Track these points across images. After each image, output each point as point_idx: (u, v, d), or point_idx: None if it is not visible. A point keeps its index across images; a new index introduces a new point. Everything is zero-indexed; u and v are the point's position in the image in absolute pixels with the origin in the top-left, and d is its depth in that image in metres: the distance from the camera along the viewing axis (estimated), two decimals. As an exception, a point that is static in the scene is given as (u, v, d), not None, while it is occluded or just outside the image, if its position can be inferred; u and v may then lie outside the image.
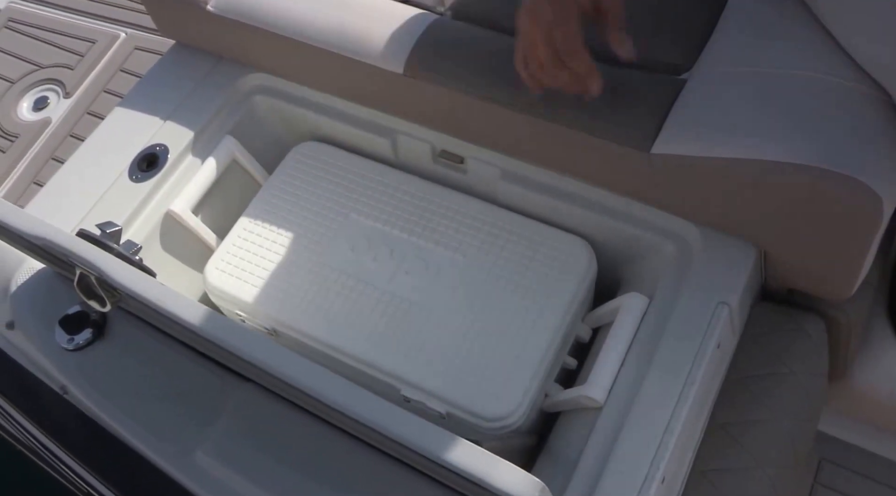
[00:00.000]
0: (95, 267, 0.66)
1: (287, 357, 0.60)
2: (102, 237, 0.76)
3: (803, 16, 0.81)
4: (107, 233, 0.77)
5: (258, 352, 0.60)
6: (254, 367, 0.61)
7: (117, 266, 0.66)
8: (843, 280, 0.82)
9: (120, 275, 0.65)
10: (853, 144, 0.73)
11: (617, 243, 0.92)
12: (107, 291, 0.68)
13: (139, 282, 0.64)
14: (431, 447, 0.56)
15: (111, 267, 0.65)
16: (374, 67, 0.91)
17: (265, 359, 0.60)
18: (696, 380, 0.77)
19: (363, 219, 0.96)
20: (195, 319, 0.62)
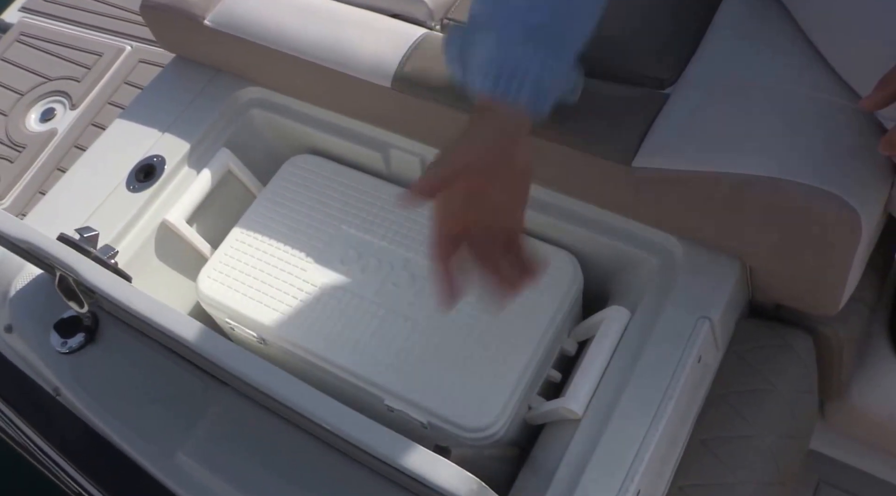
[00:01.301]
0: (72, 269, 0.71)
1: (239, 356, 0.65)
2: (80, 241, 0.82)
3: (790, 30, 0.85)
4: (84, 237, 0.83)
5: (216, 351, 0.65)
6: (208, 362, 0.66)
7: (92, 269, 0.71)
8: (827, 295, 0.85)
9: (93, 278, 0.70)
10: (831, 159, 0.77)
11: (603, 257, 0.96)
12: (84, 293, 0.73)
13: (110, 284, 0.70)
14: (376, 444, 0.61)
15: (86, 269, 0.71)
16: (364, 81, 0.96)
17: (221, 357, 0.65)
18: (675, 395, 0.80)
19: (354, 230, 1.01)
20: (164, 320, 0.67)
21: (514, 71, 0.72)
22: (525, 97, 0.72)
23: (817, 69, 0.82)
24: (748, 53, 0.86)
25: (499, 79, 0.72)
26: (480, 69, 0.73)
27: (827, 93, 0.80)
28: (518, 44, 0.72)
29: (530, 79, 0.72)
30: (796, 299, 0.89)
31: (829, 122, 0.79)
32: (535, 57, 0.72)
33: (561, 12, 0.73)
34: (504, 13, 0.72)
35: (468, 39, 0.75)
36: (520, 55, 0.72)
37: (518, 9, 0.72)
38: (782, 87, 0.82)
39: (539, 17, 0.72)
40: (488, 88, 0.72)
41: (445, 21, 1.02)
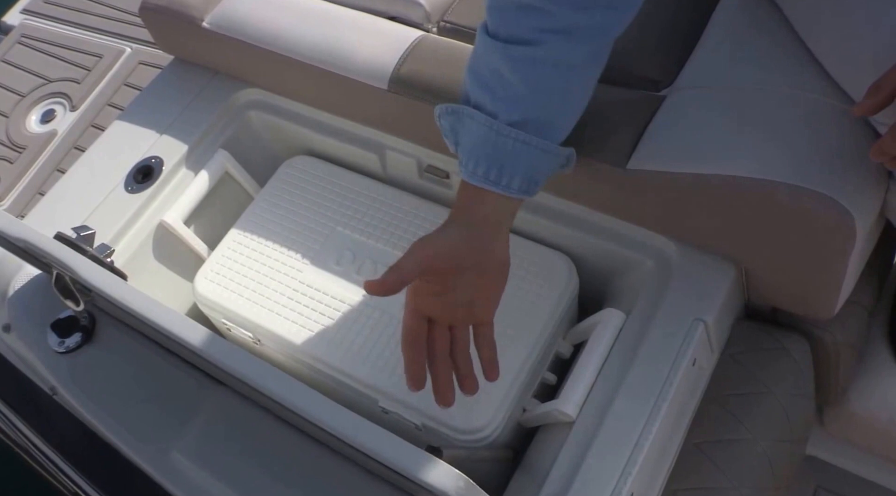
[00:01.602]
0: (68, 267, 0.72)
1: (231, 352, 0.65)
2: (77, 240, 0.83)
3: (785, 33, 0.86)
4: (81, 236, 0.84)
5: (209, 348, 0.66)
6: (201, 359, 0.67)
7: (88, 267, 0.72)
8: (823, 299, 0.86)
9: (89, 276, 0.71)
10: (825, 160, 0.77)
11: (599, 259, 0.97)
12: (80, 291, 0.74)
13: (107, 283, 0.71)
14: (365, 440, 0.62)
15: (82, 267, 0.72)
16: (360, 83, 0.97)
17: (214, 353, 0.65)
18: (668, 397, 0.81)
19: (349, 232, 1.02)
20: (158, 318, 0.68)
21: (505, 163, 0.73)
22: (515, 187, 0.74)
23: (812, 72, 0.82)
24: (744, 56, 0.87)
25: (489, 170, 0.73)
26: (471, 156, 0.74)
27: (822, 96, 0.81)
28: (506, 136, 0.73)
29: (521, 170, 0.74)
30: (791, 303, 0.90)
31: (824, 126, 0.79)
32: (527, 148, 0.73)
33: (551, 103, 0.75)
34: (492, 105, 0.73)
35: (458, 120, 0.76)
36: (509, 147, 0.73)
37: (506, 101, 0.73)
38: (777, 90, 0.82)
39: (528, 110, 0.73)
40: (479, 179, 0.73)
41: (442, 23, 1.02)
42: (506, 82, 0.73)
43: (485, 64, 0.74)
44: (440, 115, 0.79)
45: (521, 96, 0.73)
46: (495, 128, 0.73)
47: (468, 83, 0.76)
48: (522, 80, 0.72)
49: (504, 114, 0.73)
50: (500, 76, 0.73)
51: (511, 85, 0.73)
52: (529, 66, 0.72)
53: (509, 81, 0.72)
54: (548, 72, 0.72)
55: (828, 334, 0.93)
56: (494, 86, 0.73)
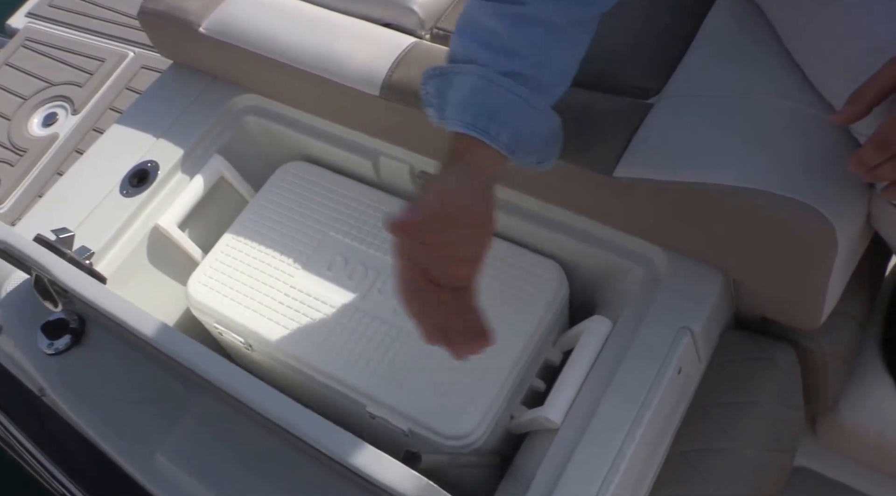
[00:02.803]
0: (45, 269, 0.74)
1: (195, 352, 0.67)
2: (56, 242, 0.85)
3: (773, 44, 0.87)
4: (60, 238, 0.86)
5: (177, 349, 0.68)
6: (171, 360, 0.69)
7: (64, 269, 0.74)
8: (807, 308, 0.87)
9: (65, 278, 0.73)
10: (808, 170, 0.78)
11: (589, 266, 0.98)
12: (57, 292, 0.76)
13: (81, 285, 0.72)
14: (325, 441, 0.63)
15: (58, 269, 0.74)
16: (353, 89, 0.99)
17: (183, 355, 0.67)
18: (653, 405, 0.82)
19: (342, 237, 1.04)
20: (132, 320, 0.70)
21: (494, 111, 0.72)
22: (503, 138, 0.72)
23: (798, 82, 0.83)
24: (731, 65, 0.88)
25: (478, 118, 0.72)
26: (459, 108, 0.73)
27: (807, 106, 0.82)
28: (499, 85, 0.73)
29: (510, 123, 0.73)
30: (779, 312, 0.91)
31: (808, 135, 0.80)
32: (519, 100, 0.73)
33: (542, 62, 0.74)
34: (485, 57, 0.74)
35: (446, 80, 0.76)
36: (501, 96, 0.72)
37: (499, 53, 0.73)
38: (764, 100, 0.83)
39: (520, 64, 0.73)
40: (467, 126, 0.72)
41: (435, 30, 1.04)
42: (499, 37, 0.73)
43: (475, 20, 0.75)
44: (426, 80, 0.78)
45: (513, 50, 0.73)
46: (488, 76, 0.72)
47: (458, 42, 0.76)
48: (514, 36, 0.73)
49: (498, 64, 0.73)
50: (492, 31, 0.73)
51: (504, 39, 0.73)
52: (520, 22, 0.73)
53: (502, 36, 0.73)
54: (538, 31, 0.73)
55: (815, 344, 0.94)
56: (488, 39, 0.74)
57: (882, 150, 0.64)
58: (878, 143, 0.64)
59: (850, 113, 0.67)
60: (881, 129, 0.63)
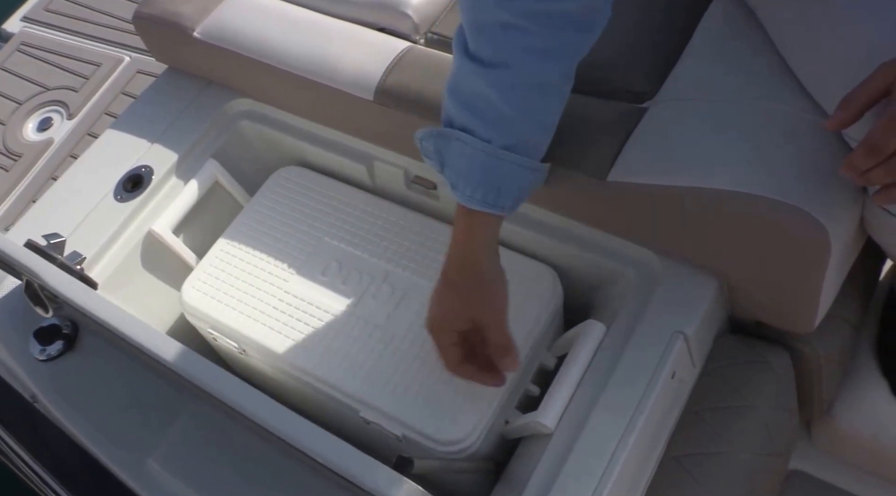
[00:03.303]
0: (35, 274, 0.74)
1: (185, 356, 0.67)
2: (47, 247, 0.85)
3: (767, 48, 0.87)
4: (51, 243, 0.86)
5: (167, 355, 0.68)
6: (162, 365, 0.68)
7: (55, 274, 0.74)
8: (801, 312, 0.86)
9: (56, 283, 0.73)
10: (801, 174, 0.78)
11: (584, 271, 0.97)
12: (48, 298, 0.76)
13: (72, 290, 0.72)
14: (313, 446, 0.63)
15: (48, 275, 0.73)
16: (347, 94, 0.99)
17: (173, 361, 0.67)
18: (646, 410, 0.81)
19: (337, 242, 1.03)
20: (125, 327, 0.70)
21: (502, 186, 0.78)
22: (509, 206, 0.80)
23: (792, 87, 0.83)
24: (725, 70, 0.88)
25: (487, 194, 0.78)
26: (468, 182, 0.78)
27: (798, 109, 0.82)
28: (502, 160, 0.77)
29: (515, 191, 0.79)
30: (773, 316, 0.91)
31: (801, 140, 0.80)
32: (521, 169, 0.79)
33: (538, 123, 0.79)
34: (483, 129, 0.77)
35: (447, 144, 0.79)
36: (507, 170, 0.78)
37: (497, 125, 0.77)
38: (757, 104, 0.83)
39: (521, 131, 0.78)
40: (478, 204, 0.78)
41: (430, 35, 1.04)
42: (494, 106, 0.76)
43: (469, 87, 0.77)
44: (423, 138, 0.82)
45: (510, 119, 0.77)
46: (492, 153, 0.77)
47: (451, 106, 0.79)
48: (509, 104, 0.76)
49: (498, 138, 0.77)
50: (486, 100, 0.76)
51: (499, 109, 0.76)
52: (515, 89, 0.76)
53: (497, 105, 0.76)
54: (532, 94, 0.77)
55: (810, 348, 0.94)
56: (483, 109, 0.77)
57: (872, 154, 0.64)
58: (868, 148, 0.64)
59: (842, 118, 0.67)
60: (871, 134, 0.63)
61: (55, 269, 0.74)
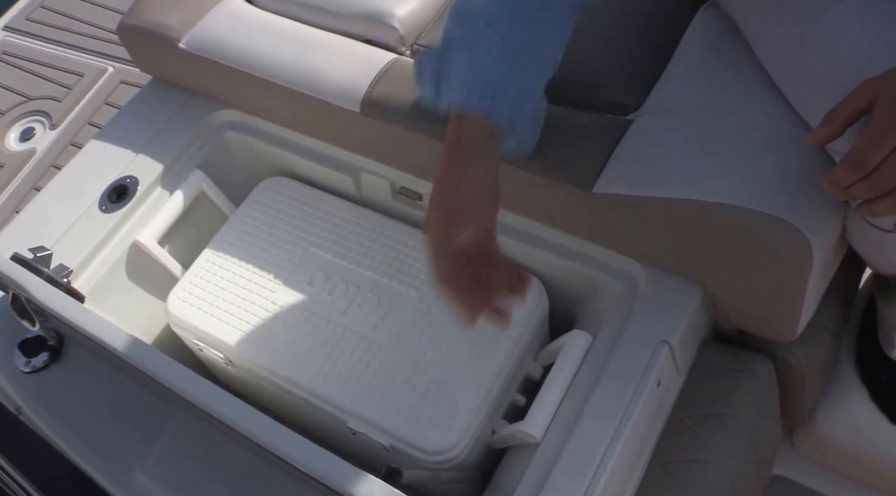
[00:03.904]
0: (22, 287, 0.73)
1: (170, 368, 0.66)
2: (33, 261, 0.84)
3: (749, 61, 0.88)
4: (37, 256, 0.85)
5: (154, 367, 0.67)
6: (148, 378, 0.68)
7: (42, 288, 0.73)
8: (784, 321, 0.87)
9: (43, 297, 0.72)
10: (784, 187, 0.79)
11: (568, 281, 0.98)
12: (35, 311, 0.75)
13: (59, 303, 0.71)
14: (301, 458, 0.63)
15: (35, 288, 0.73)
16: (333, 106, 0.99)
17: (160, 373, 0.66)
18: (632, 418, 0.82)
19: (323, 253, 1.03)
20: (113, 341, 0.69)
21: (495, 86, 0.74)
22: (506, 113, 0.75)
23: (774, 99, 0.84)
24: (709, 83, 0.89)
25: (483, 94, 0.74)
26: (460, 84, 0.75)
27: (782, 123, 0.83)
28: (498, 61, 0.75)
29: (510, 96, 0.75)
30: (756, 325, 0.91)
31: (783, 151, 0.81)
32: (515, 75, 0.75)
33: (535, 38, 0.77)
34: (483, 34, 0.75)
35: (445, 58, 0.77)
36: (501, 72, 0.75)
37: (497, 30, 0.75)
38: (740, 116, 0.84)
39: (517, 37, 0.75)
40: (470, 103, 0.74)
41: (416, 47, 1.04)
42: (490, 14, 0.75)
43: (472, 3, 0.76)
44: (421, 63, 0.79)
45: (505, 28, 0.75)
46: (483, 55, 0.75)
47: (451, 24, 0.78)
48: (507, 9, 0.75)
49: (490, 44, 0.75)
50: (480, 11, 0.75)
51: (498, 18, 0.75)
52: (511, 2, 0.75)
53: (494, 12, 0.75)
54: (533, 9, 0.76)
55: (792, 356, 0.95)
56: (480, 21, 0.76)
57: (855, 169, 0.65)
58: (850, 164, 0.65)
59: (825, 133, 0.68)
60: (854, 150, 0.64)
61: (42, 283, 0.73)
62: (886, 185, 0.65)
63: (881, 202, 0.66)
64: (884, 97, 0.64)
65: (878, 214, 0.68)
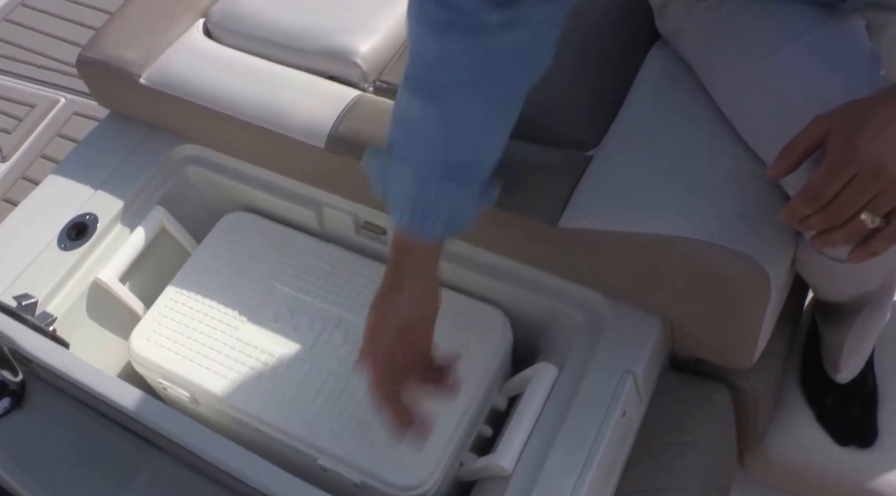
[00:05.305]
0: (9, 338, 0.70)
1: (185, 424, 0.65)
2: (18, 309, 0.81)
3: (704, 97, 0.90)
4: (22, 305, 0.82)
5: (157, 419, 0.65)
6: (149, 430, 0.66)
7: (29, 337, 0.70)
8: (741, 350, 0.89)
9: (31, 347, 0.69)
10: (741, 221, 0.81)
11: (532, 313, 0.98)
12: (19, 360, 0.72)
13: (49, 354, 0.69)
14: None
15: (23, 338, 0.70)
16: (298, 141, 0.98)
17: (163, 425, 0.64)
18: (601, 449, 0.83)
19: (287, 289, 1.02)
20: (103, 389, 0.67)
21: (430, 207, 0.76)
22: (440, 229, 0.77)
23: (728, 134, 0.86)
24: (665, 118, 0.91)
25: (415, 215, 0.76)
26: (398, 202, 0.77)
27: (738, 157, 0.85)
28: (434, 180, 0.75)
29: (445, 214, 0.77)
30: (713, 354, 0.93)
31: (739, 186, 0.83)
32: (451, 192, 0.76)
33: (474, 147, 0.77)
34: (420, 148, 0.76)
35: (386, 167, 0.78)
36: (436, 192, 0.75)
37: (434, 145, 0.75)
38: (697, 152, 0.86)
39: (453, 154, 0.76)
40: (406, 223, 0.76)
41: (379, 83, 1.04)
42: (426, 133, 0.75)
43: (406, 113, 0.77)
44: (369, 163, 0.80)
45: (441, 146, 0.75)
46: (420, 175, 0.75)
47: (392, 131, 0.78)
48: (443, 131, 0.75)
49: (428, 161, 0.75)
50: (420, 126, 0.75)
51: (431, 135, 0.75)
52: (449, 118, 0.75)
53: (430, 132, 0.75)
54: (467, 123, 0.75)
55: (747, 383, 0.97)
56: (416, 136, 0.76)
57: (812, 202, 0.67)
58: (808, 196, 0.67)
59: (783, 166, 0.70)
60: (811, 184, 0.66)
61: (30, 332, 0.70)
62: (840, 217, 0.67)
63: (836, 232, 0.68)
64: (836, 133, 0.66)
65: (833, 244, 0.69)
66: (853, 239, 0.68)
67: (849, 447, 1.07)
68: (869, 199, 0.64)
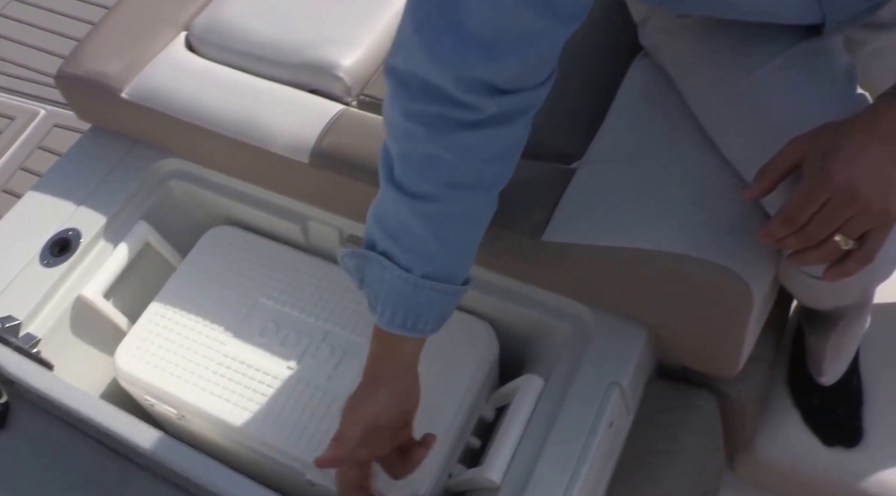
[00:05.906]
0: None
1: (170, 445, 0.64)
2: (1, 331, 0.80)
3: (684, 111, 0.91)
4: (6, 327, 0.81)
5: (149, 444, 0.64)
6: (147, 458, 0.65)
7: (13, 360, 0.69)
8: (726, 358, 0.90)
9: (15, 369, 0.69)
10: (724, 234, 0.82)
11: (518, 325, 0.98)
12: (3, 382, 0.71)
13: (33, 376, 0.68)
14: None
15: (6, 361, 0.69)
16: (282, 156, 0.97)
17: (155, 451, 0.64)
18: (588, 459, 0.83)
19: (273, 303, 1.01)
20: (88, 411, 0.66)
21: (421, 312, 0.77)
22: (430, 329, 0.79)
23: (711, 149, 0.87)
24: (647, 132, 0.91)
25: (406, 319, 0.77)
26: (386, 305, 0.76)
27: (720, 172, 0.85)
28: (425, 287, 0.76)
29: (435, 315, 0.78)
30: (699, 362, 0.94)
31: (722, 200, 0.84)
32: (441, 296, 0.77)
33: (462, 251, 0.78)
34: (409, 255, 0.75)
35: (368, 265, 0.77)
36: (426, 298, 0.76)
37: (423, 253, 0.75)
38: (679, 166, 0.87)
39: (443, 260, 0.76)
40: (397, 328, 0.77)
41: (362, 97, 1.04)
42: (416, 237, 0.74)
43: (393, 215, 0.75)
44: (344, 256, 0.79)
45: (433, 251, 0.75)
46: (411, 281, 0.75)
47: (374, 230, 0.76)
48: (434, 236, 0.74)
49: (418, 268, 0.75)
50: (409, 230, 0.74)
51: (422, 240, 0.74)
52: (439, 221, 0.74)
53: (420, 237, 0.74)
54: (456, 226, 0.76)
55: (734, 390, 0.97)
56: (405, 239, 0.75)
57: (787, 225, 0.68)
58: (784, 219, 0.68)
59: (760, 188, 0.71)
60: (788, 207, 0.67)
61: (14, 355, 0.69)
62: (815, 239, 0.68)
63: (811, 253, 0.69)
64: (811, 156, 0.68)
65: (808, 264, 0.71)
66: (827, 259, 0.69)
67: (835, 447, 1.08)
68: (842, 223, 0.66)
